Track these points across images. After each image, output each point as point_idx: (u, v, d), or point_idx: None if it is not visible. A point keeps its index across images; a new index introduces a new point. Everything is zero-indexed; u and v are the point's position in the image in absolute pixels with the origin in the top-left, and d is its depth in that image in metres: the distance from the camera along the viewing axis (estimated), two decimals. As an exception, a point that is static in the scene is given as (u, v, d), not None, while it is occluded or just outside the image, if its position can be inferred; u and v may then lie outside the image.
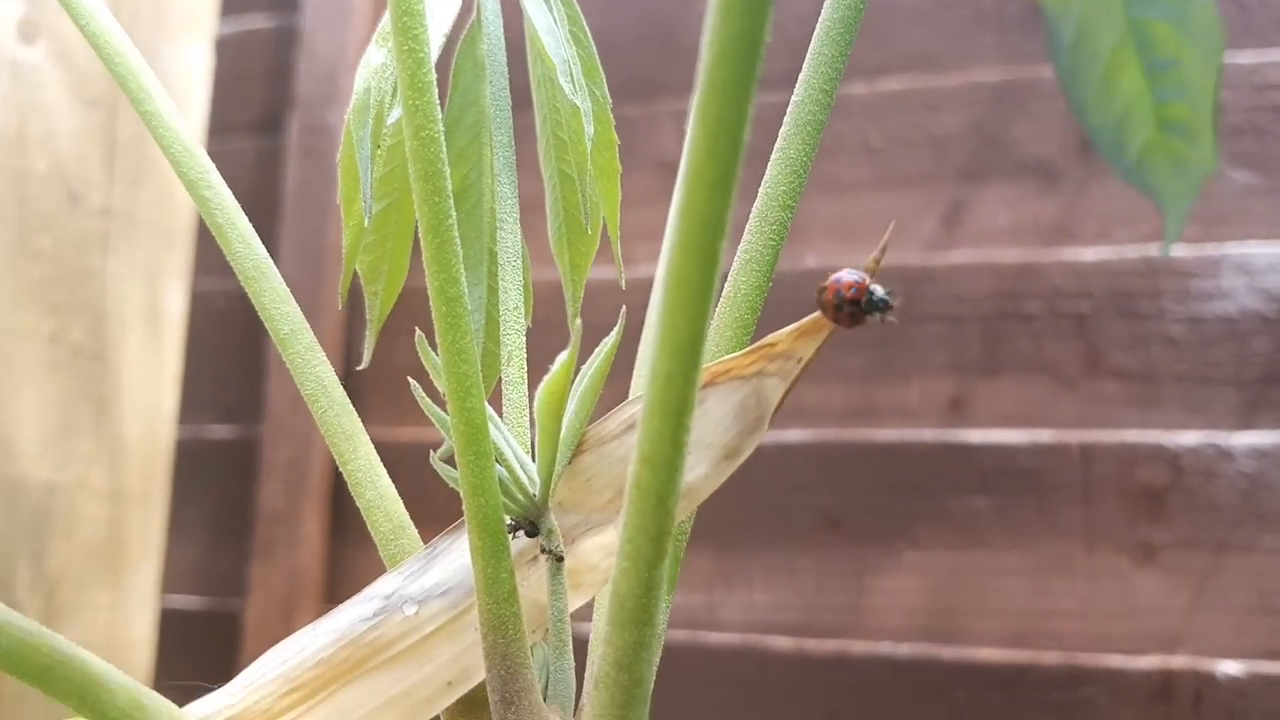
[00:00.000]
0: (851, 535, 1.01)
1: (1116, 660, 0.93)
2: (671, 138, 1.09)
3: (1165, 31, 0.32)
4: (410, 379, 0.35)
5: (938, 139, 1.04)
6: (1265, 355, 0.95)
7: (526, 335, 0.41)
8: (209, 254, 1.16)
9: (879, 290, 0.34)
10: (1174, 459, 0.95)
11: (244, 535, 1.13)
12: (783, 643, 1.01)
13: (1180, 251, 0.97)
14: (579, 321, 0.34)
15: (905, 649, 0.98)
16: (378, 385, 0.98)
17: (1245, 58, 0.98)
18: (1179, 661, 0.91)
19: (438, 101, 0.32)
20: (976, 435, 0.99)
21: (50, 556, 0.92)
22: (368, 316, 0.41)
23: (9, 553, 0.89)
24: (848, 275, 0.34)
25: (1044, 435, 0.99)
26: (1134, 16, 0.33)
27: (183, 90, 1.06)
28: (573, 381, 0.34)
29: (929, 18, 1.06)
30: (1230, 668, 0.90)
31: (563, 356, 0.32)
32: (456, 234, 0.32)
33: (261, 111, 1.19)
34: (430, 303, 0.32)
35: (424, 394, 0.34)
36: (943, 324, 1.01)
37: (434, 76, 0.32)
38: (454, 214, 0.32)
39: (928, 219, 1.03)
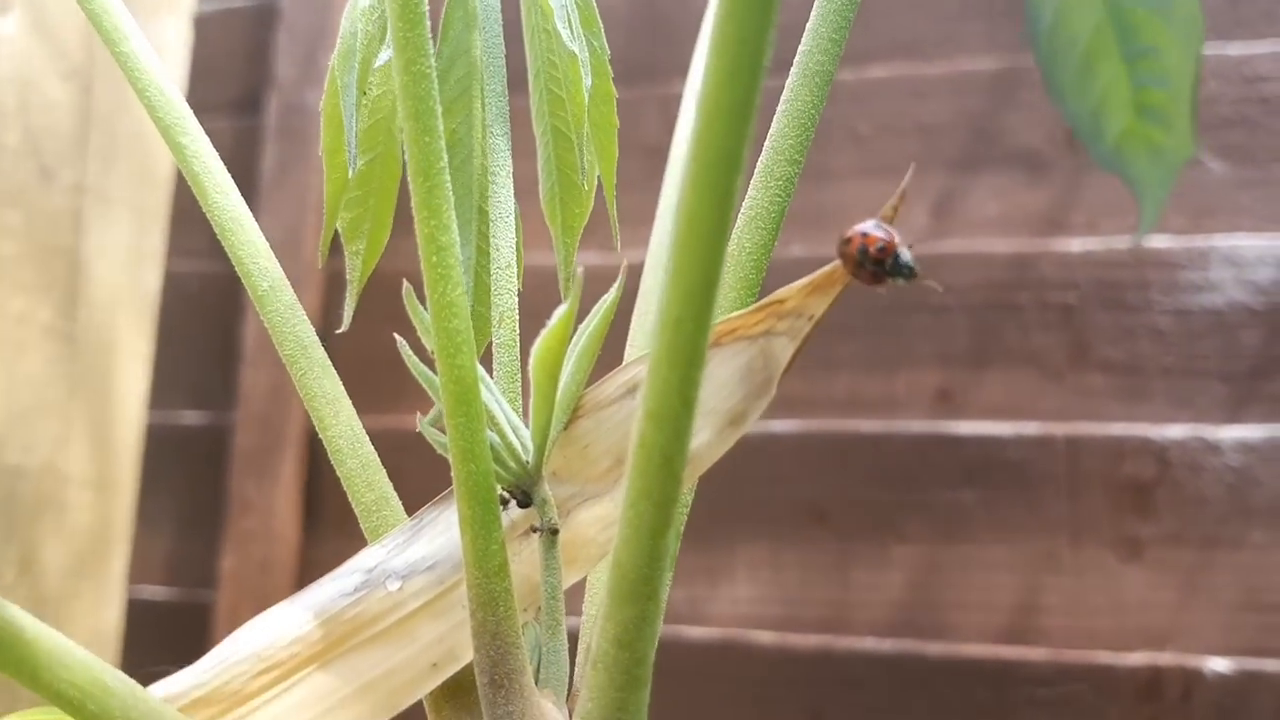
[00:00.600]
0: (837, 528, 0.99)
1: (1104, 657, 0.92)
2: (658, 123, 1.07)
3: (1145, 18, 0.32)
4: (395, 334, 0.33)
5: (926, 127, 1.02)
6: (1253, 348, 0.94)
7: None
8: (184, 236, 1.14)
9: (906, 254, 0.32)
10: (1161, 452, 0.94)
11: (215, 525, 1.10)
12: (766, 637, 0.99)
13: (1168, 243, 0.96)
14: (579, 272, 0.31)
15: (890, 644, 0.96)
16: (353, 372, 0.95)
17: (1235, 49, 0.97)
18: (1167, 658, 0.90)
19: (430, 35, 0.30)
20: (964, 427, 0.98)
21: (16, 542, 0.89)
22: (348, 276, 0.39)
23: (4, 540, 0.86)
24: (874, 229, 0.32)
25: (1030, 428, 0.97)
26: (1113, 2, 0.32)
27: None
28: (569, 342, 0.31)
29: (918, 4, 1.04)
30: (1219, 665, 0.89)
31: (561, 309, 0.30)
32: (448, 178, 0.30)
33: (240, 91, 1.16)
34: (419, 252, 0.30)
35: (410, 352, 0.32)
36: (931, 315, 1.00)
37: (426, 7, 0.30)
38: (446, 157, 0.30)
39: (916, 209, 1.02)
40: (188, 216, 1.08)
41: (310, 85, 1.11)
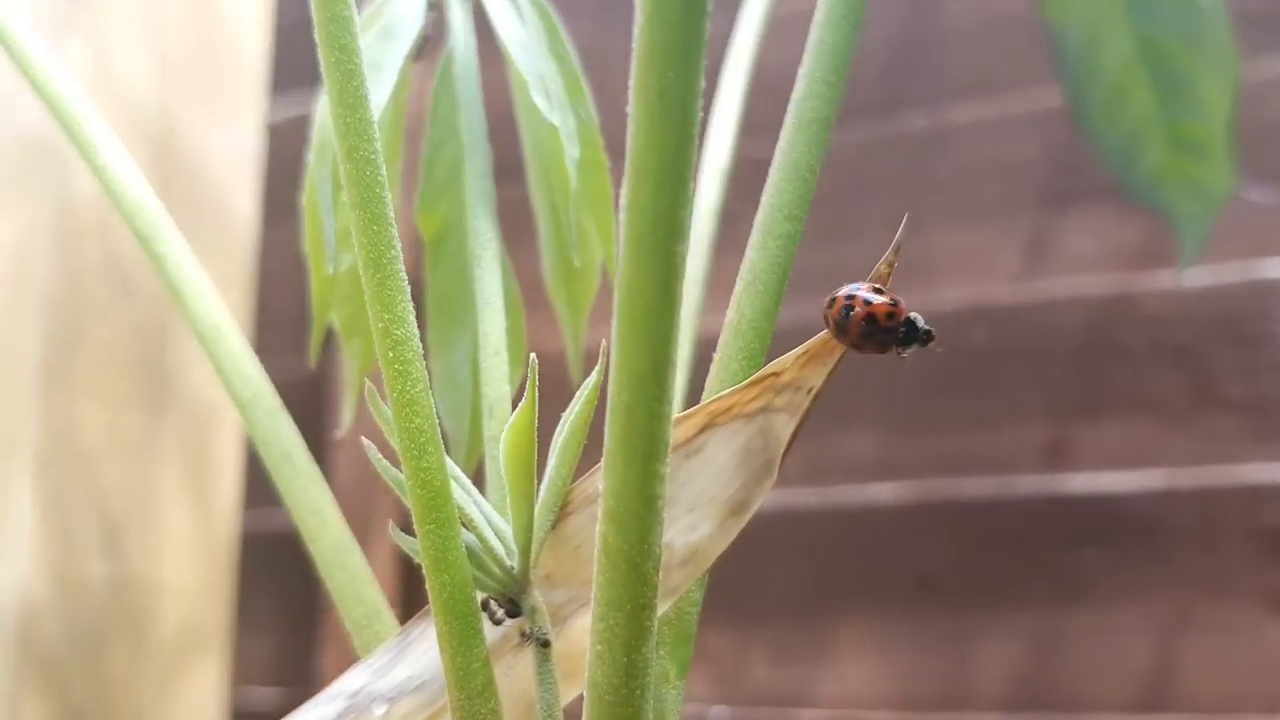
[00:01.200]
0: (950, 598, 0.93)
1: (1254, 721, 0.83)
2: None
3: (1175, 47, 0.28)
4: (365, 440, 0.30)
5: (1010, 167, 0.97)
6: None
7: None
8: (270, 337, 1.15)
9: (919, 319, 0.28)
10: (1301, 497, 0.86)
11: (312, 624, 1.09)
12: (882, 717, 0.94)
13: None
14: (532, 357, 0.29)
15: (1020, 719, 0.90)
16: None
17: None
18: (1327, 722, 0.81)
19: (374, 119, 0.28)
20: (1079, 482, 0.91)
21: (113, 654, 0.90)
22: (345, 376, 0.37)
23: (72, 651, 0.87)
24: (871, 294, 0.29)
25: (1154, 477, 0.90)
26: (1142, 33, 0.29)
27: (234, 175, 1.05)
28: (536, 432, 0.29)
29: (990, 41, 1.00)
30: (1387, 727, 0.80)
31: (522, 402, 0.28)
32: (402, 269, 0.28)
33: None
34: (375, 347, 0.28)
35: (379, 455, 0.30)
36: (1031, 363, 0.94)
37: (367, 91, 0.28)
38: (398, 245, 0.28)
39: (1008, 252, 0.97)
40: (270, 320, 1.09)
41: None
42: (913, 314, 0.29)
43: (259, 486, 1.12)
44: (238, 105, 1.06)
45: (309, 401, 1.11)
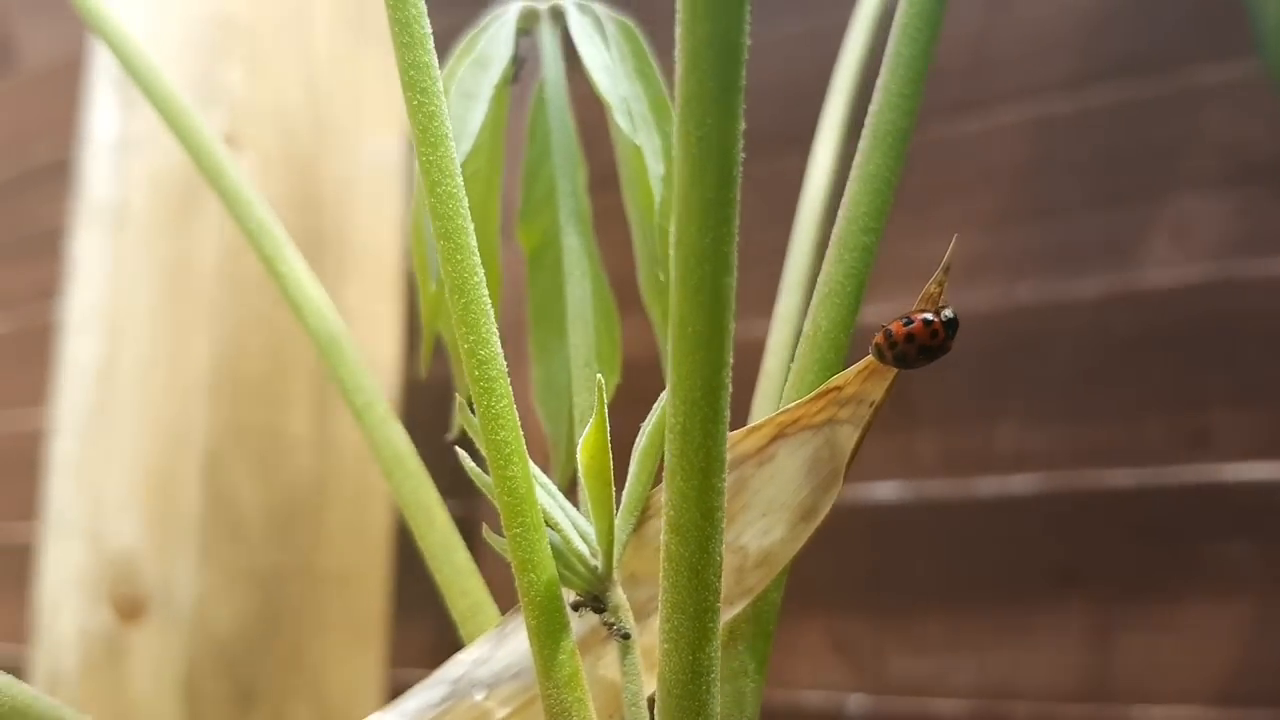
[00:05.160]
0: (1092, 591, 0.91)
1: None
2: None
3: None
4: (458, 448, 0.33)
5: (1156, 149, 0.94)
6: None
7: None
8: (416, 341, 1.21)
9: (948, 313, 0.29)
10: None
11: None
12: (1023, 709, 0.92)
13: None
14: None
15: (1159, 712, 0.87)
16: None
17: None
18: None
19: (455, 155, 0.30)
20: (1229, 471, 0.88)
21: (280, 638, 0.96)
22: (455, 386, 0.40)
23: (242, 636, 0.94)
24: (903, 323, 0.29)
25: (1312, 464, 0.86)
26: None
27: (382, 184, 1.10)
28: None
29: (1137, 21, 0.97)
30: None
31: (593, 415, 0.30)
32: (484, 293, 0.30)
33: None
34: (463, 366, 0.30)
35: (472, 463, 0.32)
36: (1178, 349, 0.91)
37: (447, 131, 0.30)
38: (480, 272, 0.30)
39: (1155, 237, 0.93)
40: (420, 325, 1.14)
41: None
42: (945, 314, 0.29)
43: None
44: (384, 116, 1.11)
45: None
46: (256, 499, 0.96)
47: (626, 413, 0.38)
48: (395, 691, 1.13)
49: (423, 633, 1.19)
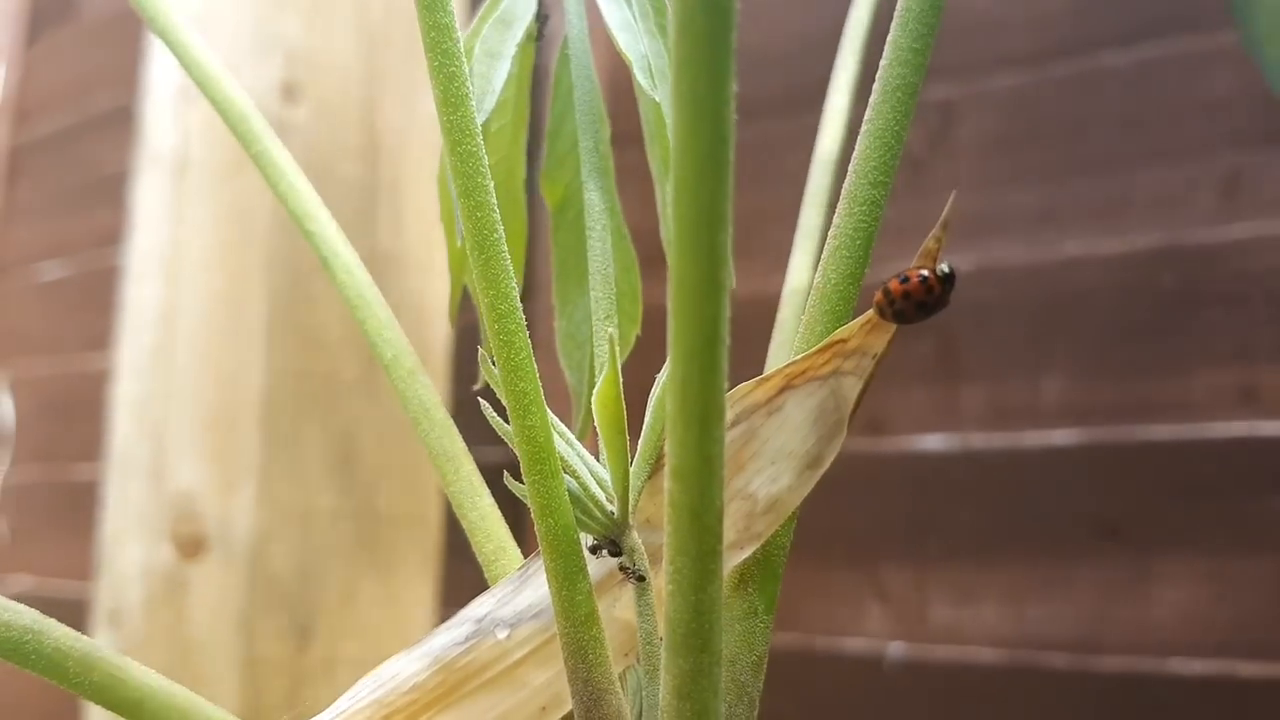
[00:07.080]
0: (1133, 543, 0.91)
1: None
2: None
3: None
4: (481, 400, 0.34)
5: (1209, 104, 0.92)
6: None
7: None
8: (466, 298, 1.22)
9: (944, 269, 0.29)
10: None
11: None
12: (1060, 659, 0.93)
13: None
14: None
15: (1199, 665, 0.87)
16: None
17: None
18: None
19: (475, 115, 0.31)
20: (1273, 427, 0.87)
21: (334, 577, 0.99)
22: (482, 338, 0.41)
23: (298, 574, 0.97)
24: (892, 282, 0.30)
25: (1359, 421, 0.85)
26: None
27: (435, 134, 1.11)
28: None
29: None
30: None
31: (605, 371, 0.31)
32: (504, 249, 0.31)
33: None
34: (484, 320, 0.32)
35: (493, 413, 0.34)
36: (1227, 306, 0.90)
37: (468, 92, 0.31)
38: (500, 229, 0.31)
39: (1203, 192, 0.92)
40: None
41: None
42: (940, 270, 0.30)
43: (471, 426, 1.19)
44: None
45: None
46: (313, 441, 0.99)
47: (648, 364, 0.39)
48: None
49: (476, 571, 1.22)
